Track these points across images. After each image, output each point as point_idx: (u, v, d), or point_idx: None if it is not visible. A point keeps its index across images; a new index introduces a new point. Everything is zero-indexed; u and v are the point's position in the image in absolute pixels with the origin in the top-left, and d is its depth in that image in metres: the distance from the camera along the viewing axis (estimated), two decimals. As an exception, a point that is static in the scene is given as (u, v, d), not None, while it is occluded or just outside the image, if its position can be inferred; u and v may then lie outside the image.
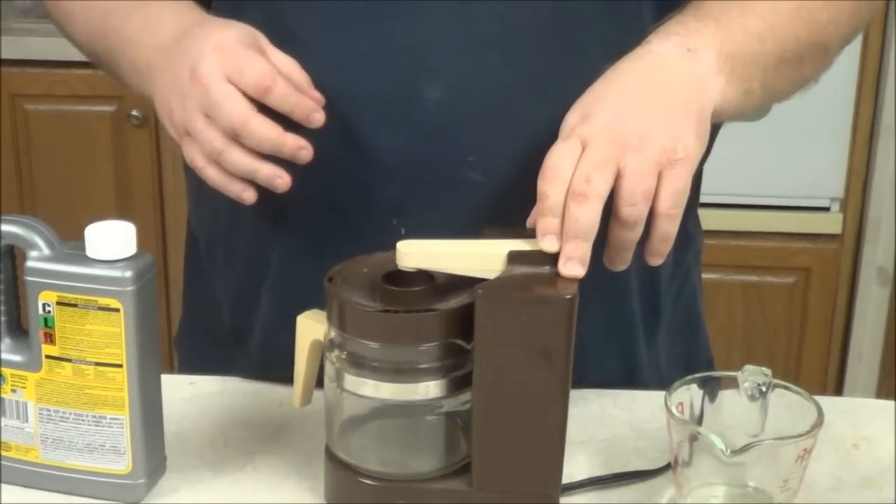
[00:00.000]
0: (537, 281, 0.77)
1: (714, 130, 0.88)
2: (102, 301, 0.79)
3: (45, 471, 0.85)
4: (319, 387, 0.84)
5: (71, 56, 1.11)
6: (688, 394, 0.83)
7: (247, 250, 1.02)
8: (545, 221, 0.79)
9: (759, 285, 2.36)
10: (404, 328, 0.78)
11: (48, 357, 0.82)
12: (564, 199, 0.78)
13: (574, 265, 0.78)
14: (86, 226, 0.80)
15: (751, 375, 0.83)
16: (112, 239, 0.80)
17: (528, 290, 0.77)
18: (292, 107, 0.86)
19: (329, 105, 0.88)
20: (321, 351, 0.83)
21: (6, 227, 0.82)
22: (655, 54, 0.87)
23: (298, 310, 0.84)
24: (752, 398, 0.82)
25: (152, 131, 2.38)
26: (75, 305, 0.80)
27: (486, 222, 0.85)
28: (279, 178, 0.86)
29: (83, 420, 0.83)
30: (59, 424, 0.83)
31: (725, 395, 0.84)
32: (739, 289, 2.36)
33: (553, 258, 0.78)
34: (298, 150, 0.86)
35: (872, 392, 2.39)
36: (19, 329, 0.85)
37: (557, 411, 0.78)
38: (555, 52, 0.93)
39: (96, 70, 1.07)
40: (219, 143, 0.85)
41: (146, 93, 0.95)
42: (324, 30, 0.93)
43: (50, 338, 0.81)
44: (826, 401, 0.83)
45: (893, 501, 0.87)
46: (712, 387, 0.84)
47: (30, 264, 0.81)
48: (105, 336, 0.80)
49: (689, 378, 0.84)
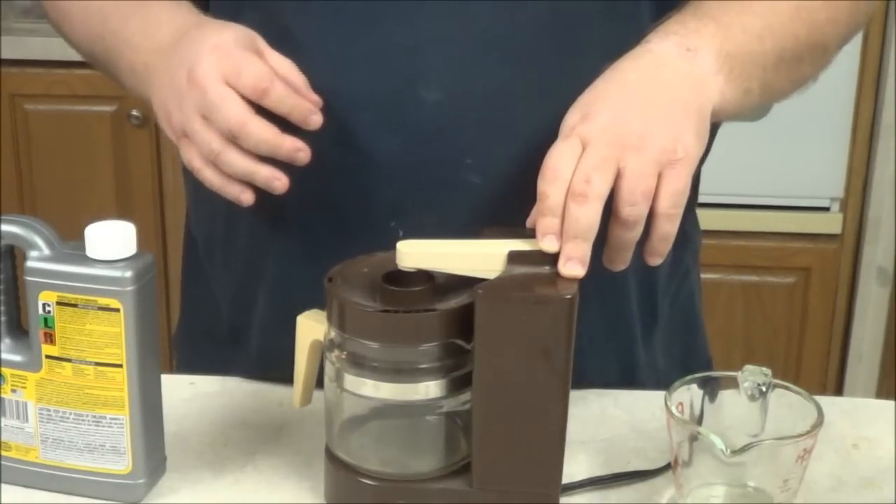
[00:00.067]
0: (537, 281, 0.77)
1: (713, 130, 0.88)
2: (102, 301, 0.79)
3: (45, 471, 0.85)
4: (319, 387, 0.84)
5: (71, 56, 1.10)
6: (688, 394, 0.83)
7: (245, 251, 1.02)
8: (545, 221, 0.79)
9: (759, 285, 2.36)
10: (404, 328, 0.78)
11: (48, 357, 0.82)
12: (564, 200, 0.78)
13: (574, 265, 0.78)
14: (86, 226, 0.80)
15: (751, 375, 0.83)
16: (112, 239, 0.80)
17: (528, 290, 0.77)
18: (290, 109, 0.86)
19: (327, 107, 0.88)
20: (321, 351, 0.83)
21: (6, 227, 0.82)
22: (655, 53, 0.87)
23: (297, 310, 0.84)
24: (752, 398, 0.82)
25: (152, 131, 2.38)
26: (75, 305, 0.80)
27: (484, 224, 0.85)
28: (277, 180, 0.86)
29: (83, 420, 0.83)
30: (59, 424, 0.83)
31: (725, 395, 0.84)
32: (739, 289, 2.36)
33: (553, 258, 0.78)
34: (296, 152, 0.86)
35: (872, 392, 2.38)
36: (19, 329, 0.85)
37: (557, 411, 0.78)
38: (553, 53, 0.93)
39: (96, 70, 1.07)
40: (216, 145, 0.85)
41: (144, 95, 0.95)
42: (322, 31, 0.93)
43: (50, 338, 0.81)
44: (826, 401, 0.83)
45: (893, 501, 0.87)
46: (712, 387, 0.84)
47: (30, 264, 0.81)
48: (105, 336, 0.80)
49: (689, 378, 0.84)
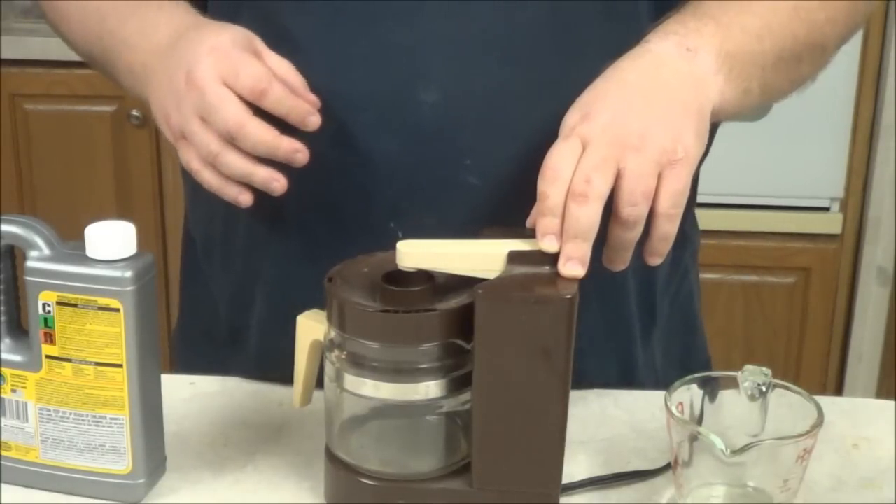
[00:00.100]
0: (537, 281, 0.77)
1: (712, 130, 0.88)
2: (102, 301, 0.79)
3: (45, 471, 0.85)
4: (319, 387, 0.84)
5: (71, 56, 1.10)
6: (688, 394, 0.83)
7: (243, 252, 1.02)
8: (545, 221, 0.79)
9: (759, 285, 2.36)
10: (404, 328, 0.78)
11: (48, 357, 0.82)
12: (564, 200, 0.78)
13: (574, 265, 0.78)
14: (86, 226, 0.80)
15: (751, 375, 0.83)
16: (112, 239, 0.80)
17: (528, 290, 0.77)
18: (288, 110, 0.85)
19: (325, 107, 0.88)
20: (321, 351, 0.83)
21: (6, 227, 0.82)
22: (655, 53, 0.87)
23: (295, 311, 0.84)
24: (752, 398, 0.82)
25: (152, 131, 2.38)
26: (75, 305, 0.80)
27: (483, 225, 0.85)
28: (275, 181, 0.86)
29: (83, 420, 0.83)
30: (59, 424, 0.83)
31: (725, 395, 0.84)
32: (739, 289, 2.36)
33: (553, 258, 0.78)
34: (294, 154, 0.86)
35: (872, 392, 2.38)
36: (19, 329, 0.85)
37: (557, 411, 0.78)
38: (552, 54, 0.93)
39: (94, 70, 1.07)
40: (215, 147, 0.85)
41: (142, 95, 0.95)
42: (320, 32, 0.93)
43: (50, 338, 0.81)
44: (826, 401, 0.83)
45: (893, 501, 0.87)
46: (712, 387, 0.84)
47: (30, 264, 0.81)
48: (105, 336, 0.80)
49: (689, 378, 0.84)
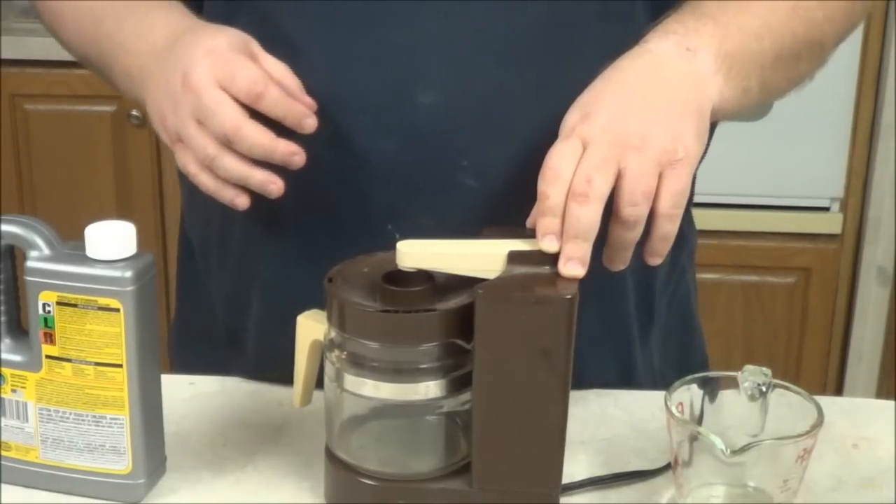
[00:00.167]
0: (537, 281, 0.77)
1: (711, 129, 0.88)
2: (102, 301, 0.79)
3: (45, 471, 0.85)
4: (319, 387, 0.84)
5: (71, 56, 1.10)
6: (688, 394, 0.83)
7: (240, 254, 1.02)
8: (545, 221, 0.78)
9: (759, 285, 2.36)
10: (404, 328, 0.78)
11: (48, 357, 0.82)
12: (565, 200, 0.78)
13: (574, 265, 0.78)
14: (86, 226, 0.80)
15: (751, 375, 0.83)
16: (112, 239, 0.80)
17: (528, 290, 0.77)
18: (284, 112, 0.85)
19: (322, 110, 0.87)
20: (321, 351, 0.83)
21: (6, 227, 0.82)
22: (654, 53, 0.87)
23: (292, 313, 0.83)
24: (752, 398, 0.82)
25: (152, 131, 2.34)
26: (75, 305, 0.80)
27: (481, 226, 0.84)
28: (272, 184, 0.86)
29: (83, 420, 0.83)
30: (59, 424, 0.83)
31: (725, 395, 0.84)
32: (739, 289, 2.35)
33: (553, 258, 0.78)
34: (290, 156, 0.86)
35: (872, 392, 2.38)
36: (19, 329, 0.85)
37: (557, 411, 0.78)
38: (549, 55, 0.93)
39: (90, 71, 1.07)
40: (211, 150, 0.85)
41: (139, 98, 0.95)
42: (317, 34, 0.93)
43: (50, 338, 0.81)
44: (826, 401, 0.83)
45: (893, 501, 0.87)
46: (712, 387, 0.84)
47: (30, 264, 0.81)
48: (105, 336, 0.80)
49: (689, 378, 0.84)
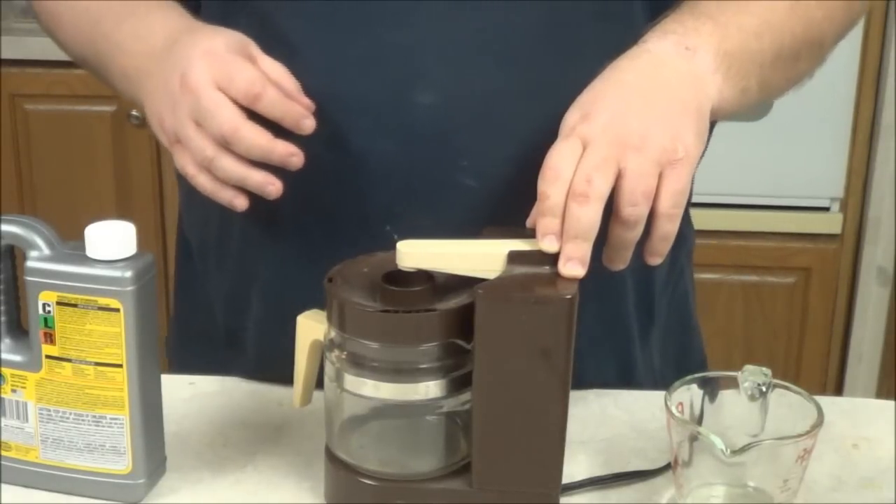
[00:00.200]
0: (537, 281, 0.77)
1: (710, 128, 0.88)
2: (102, 301, 0.79)
3: (45, 471, 0.85)
4: (319, 387, 0.84)
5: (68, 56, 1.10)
6: (688, 394, 0.83)
7: (238, 255, 1.02)
8: (545, 222, 0.78)
9: (759, 285, 2.36)
10: (404, 328, 0.78)
11: (48, 357, 0.82)
12: (565, 200, 0.78)
13: (574, 265, 0.78)
14: (86, 226, 0.80)
15: (751, 375, 0.83)
16: (112, 239, 0.80)
17: (528, 290, 0.77)
18: (282, 114, 0.85)
19: (320, 111, 0.87)
20: (321, 351, 0.83)
21: (6, 227, 0.82)
22: (653, 53, 0.87)
23: (291, 313, 0.83)
24: (752, 398, 0.82)
25: (152, 132, 2.37)
26: (75, 305, 0.80)
27: (480, 226, 0.84)
28: (271, 185, 0.86)
29: (83, 420, 0.83)
30: (59, 424, 0.83)
31: (725, 395, 0.84)
32: (739, 289, 2.35)
33: (553, 258, 0.78)
34: (289, 157, 0.86)
35: (872, 392, 2.38)
36: (19, 329, 0.85)
37: (557, 411, 0.78)
38: (547, 55, 0.93)
39: (88, 72, 1.07)
40: (210, 151, 0.85)
41: (137, 99, 0.95)
42: (315, 34, 0.93)
43: (50, 338, 0.81)
44: (826, 401, 0.83)
45: (893, 501, 0.87)
46: (712, 387, 0.84)
47: (30, 264, 0.81)
48: (105, 336, 0.80)
49: (689, 378, 0.84)
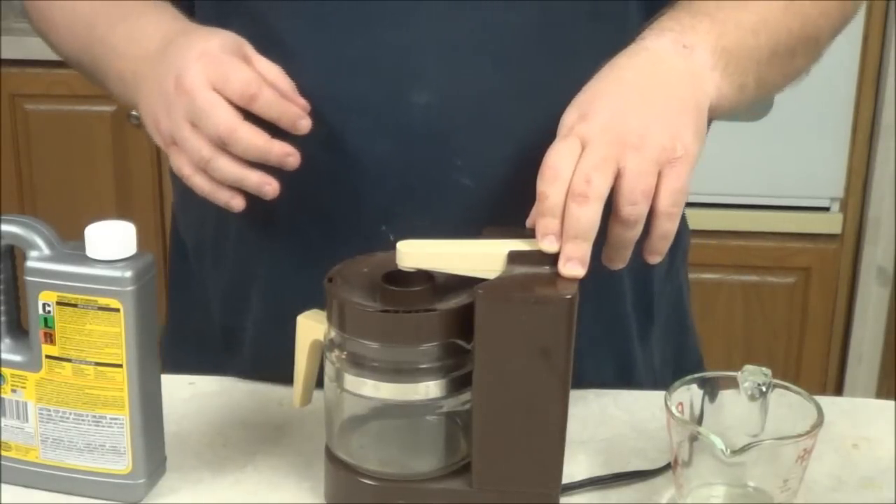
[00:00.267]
0: (537, 281, 0.77)
1: (707, 126, 0.88)
2: (102, 301, 0.79)
3: (45, 471, 0.85)
4: (319, 387, 0.84)
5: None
6: (688, 394, 0.83)
7: (235, 256, 1.02)
8: (545, 222, 0.78)
9: (759, 285, 2.36)
10: (404, 328, 0.78)
11: (48, 357, 0.82)
12: (564, 200, 0.78)
13: (574, 265, 0.78)
14: (86, 226, 0.80)
15: (751, 375, 0.83)
16: (112, 239, 0.80)
17: (528, 290, 0.77)
18: (278, 114, 0.85)
19: (316, 111, 0.87)
20: (321, 351, 0.83)
21: (6, 227, 0.82)
22: (651, 51, 0.87)
23: (289, 314, 0.83)
24: (752, 398, 0.82)
25: (151, 132, 2.37)
26: (75, 305, 0.80)
27: (476, 226, 0.84)
28: (268, 185, 0.86)
29: (83, 420, 0.83)
30: (59, 424, 0.83)
31: (725, 395, 0.84)
32: (739, 289, 2.36)
33: (553, 258, 0.78)
34: (286, 157, 0.85)
35: (872, 392, 2.38)
36: (19, 329, 0.85)
37: (557, 411, 0.78)
38: (542, 55, 0.93)
39: (83, 76, 1.07)
40: (206, 152, 0.85)
41: (132, 102, 0.95)
42: (310, 36, 0.93)
43: (50, 338, 0.81)
44: (826, 401, 0.83)
45: (893, 501, 0.87)
46: (712, 387, 0.84)
47: (30, 264, 0.81)
48: (105, 336, 0.80)
49: (689, 378, 0.84)
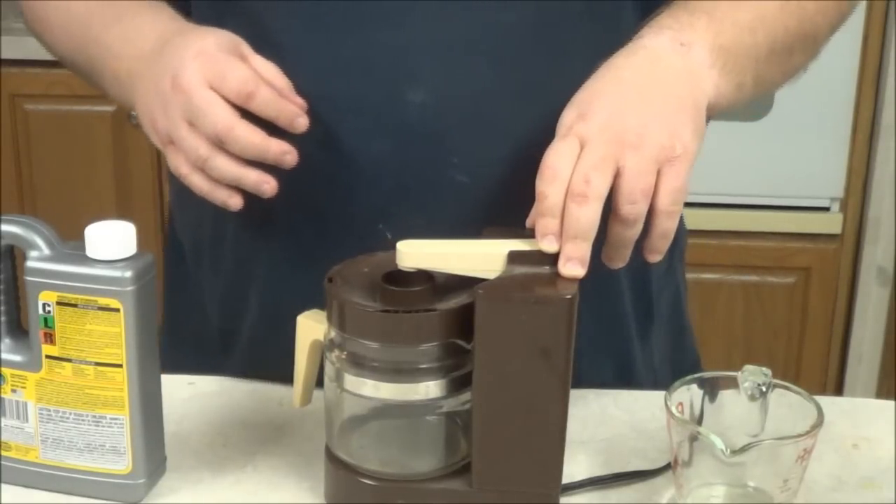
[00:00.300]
0: (537, 281, 0.77)
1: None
2: (102, 301, 0.79)
3: (45, 471, 0.85)
4: (319, 387, 0.84)
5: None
6: (688, 394, 0.83)
7: (233, 256, 1.02)
8: (544, 222, 0.78)
9: (759, 285, 2.36)
10: (404, 328, 0.78)
11: (48, 357, 0.82)
12: (564, 199, 0.78)
13: (574, 265, 0.78)
14: (86, 226, 0.80)
15: (751, 375, 0.83)
16: (112, 239, 0.80)
17: (528, 290, 0.77)
18: (276, 112, 0.85)
19: (312, 111, 0.87)
20: (321, 351, 0.83)
21: (6, 227, 0.82)
22: (649, 49, 0.87)
23: (288, 313, 0.83)
24: (752, 398, 0.82)
25: (148, 132, 2.37)
26: (75, 305, 0.80)
27: (473, 225, 0.84)
28: (266, 184, 0.86)
29: (83, 420, 0.83)
30: (59, 424, 0.83)
31: (725, 395, 0.84)
32: (739, 289, 2.35)
33: (553, 258, 0.78)
34: (283, 155, 0.85)
35: (872, 392, 2.38)
36: (19, 329, 0.85)
37: (557, 411, 0.78)
38: (537, 53, 0.93)
39: (78, 77, 1.07)
40: (204, 151, 0.85)
41: (128, 102, 0.94)
42: (306, 36, 0.92)
43: (50, 338, 0.81)
44: (826, 401, 0.83)
45: (893, 501, 0.87)
46: (712, 387, 0.84)
47: (30, 264, 0.81)
48: (105, 336, 0.80)
49: (689, 378, 0.84)
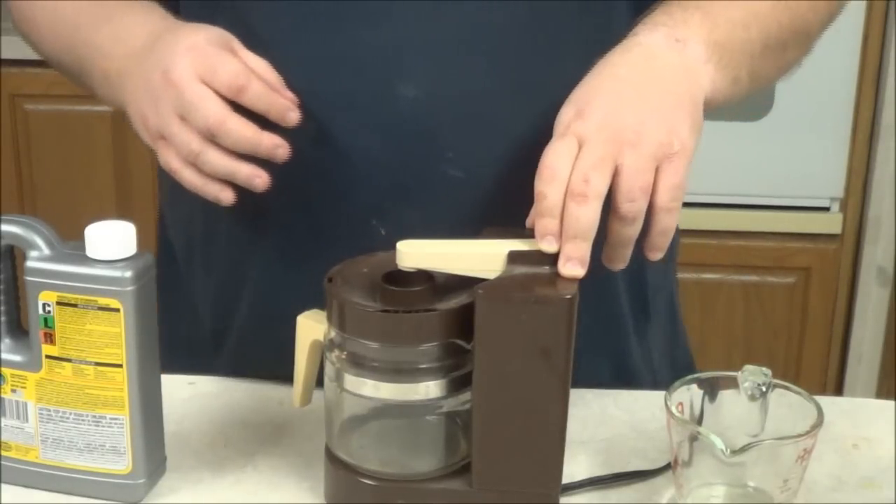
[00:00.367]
0: (537, 281, 0.77)
1: None
2: (102, 301, 0.79)
3: (45, 471, 0.85)
4: (319, 387, 0.84)
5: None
6: (688, 394, 0.83)
7: (225, 253, 1.02)
8: (544, 222, 0.78)
9: (759, 285, 2.36)
10: (404, 328, 0.78)
11: (48, 357, 0.82)
12: (563, 199, 0.78)
13: (574, 265, 0.78)
14: (86, 226, 0.80)
15: (751, 375, 0.83)
16: (112, 239, 0.80)
17: (528, 290, 0.77)
18: (267, 106, 0.85)
19: (303, 108, 0.87)
20: (321, 351, 0.83)
21: (6, 227, 0.82)
22: (644, 46, 0.86)
23: (281, 310, 0.83)
24: (752, 398, 0.82)
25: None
26: (75, 305, 0.80)
27: (466, 220, 0.84)
28: (258, 178, 0.86)
29: (83, 420, 0.83)
30: (59, 424, 0.83)
31: (725, 395, 0.84)
32: (739, 289, 2.35)
33: (553, 258, 0.78)
34: (275, 149, 0.85)
35: (872, 392, 2.38)
36: (19, 329, 0.85)
37: (557, 411, 0.78)
38: (529, 50, 0.93)
39: (67, 79, 1.06)
40: (196, 145, 0.85)
41: (118, 101, 0.94)
42: (294, 34, 0.92)
43: (50, 338, 0.81)
44: (826, 401, 0.83)
45: (893, 501, 0.87)
46: (712, 387, 0.84)
47: (30, 264, 0.81)
48: (105, 336, 0.80)
49: (689, 378, 0.84)
